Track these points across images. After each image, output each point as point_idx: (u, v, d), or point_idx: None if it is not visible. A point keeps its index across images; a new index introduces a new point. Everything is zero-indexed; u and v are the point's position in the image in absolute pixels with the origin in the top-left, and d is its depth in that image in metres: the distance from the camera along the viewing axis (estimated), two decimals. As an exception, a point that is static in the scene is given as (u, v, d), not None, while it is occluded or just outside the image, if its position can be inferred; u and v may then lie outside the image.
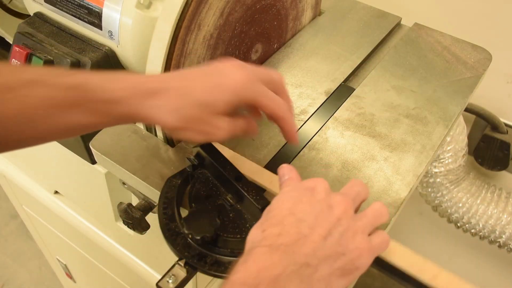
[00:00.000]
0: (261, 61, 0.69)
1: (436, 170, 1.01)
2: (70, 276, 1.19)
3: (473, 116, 1.04)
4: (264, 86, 0.45)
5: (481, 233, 1.08)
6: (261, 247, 0.37)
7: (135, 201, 0.58)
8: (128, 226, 0.55)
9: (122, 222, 0.58)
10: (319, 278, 0.36)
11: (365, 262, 0.40)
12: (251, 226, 0.46)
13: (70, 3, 0.59)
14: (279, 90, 0.48)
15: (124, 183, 0.61)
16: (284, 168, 0.46)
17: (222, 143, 0.53)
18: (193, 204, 0.48)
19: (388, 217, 0.43)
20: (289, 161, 0.56)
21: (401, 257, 0.44)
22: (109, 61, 0.59)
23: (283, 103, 0.47)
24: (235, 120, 0.46)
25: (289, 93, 0.64)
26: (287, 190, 0.42)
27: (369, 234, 0.41)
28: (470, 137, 1.04)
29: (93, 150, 0.56)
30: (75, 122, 0.42)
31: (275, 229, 0.38)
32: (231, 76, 0.44)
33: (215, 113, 0.43)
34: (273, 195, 0.47)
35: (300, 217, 0.38)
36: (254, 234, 0.39)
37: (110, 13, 0.56)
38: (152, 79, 0.44)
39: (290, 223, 0.38)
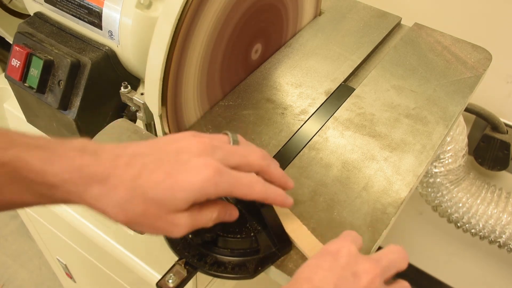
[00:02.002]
0: (261, 60, 0.69)
1: (436, 170, 1.01)
2: (70, 276, 1.19)
3: (473, 116, 1.04)
4: (238, 173, 0.39)
5: (481, 233, 1.08)
6: None
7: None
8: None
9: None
10: None
11: None
12: (251, 226, 0.47)
13: (70, 3, 0.59)
14: (260, 171, 0.41)
15: (124, 183, 0.61)
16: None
17: None
18: (193, 204, 0.48)
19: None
20: (289, 161, 0.56)
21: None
22: (109, 61, 0.59)
23: (263, 185, 0.40)
24: (201, 212, 0.39)
25: (289, 93, 0.64)
26: (310, 259, 0.39)
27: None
28: (470, 137, 1.04)
29: (93, 150, 0.56)
30: (18, 199, 0.37)
31: None
32: (194, 172, 0.36)
33: (172, 211, 0.37)
34: None
35: (318, 286, 0.35)
36: None
37: (110, 13, 0.56)
38: (99, 161, 0.36)
39: None
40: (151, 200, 0.36)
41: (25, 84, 0.60)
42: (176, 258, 0.45)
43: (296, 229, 0.47)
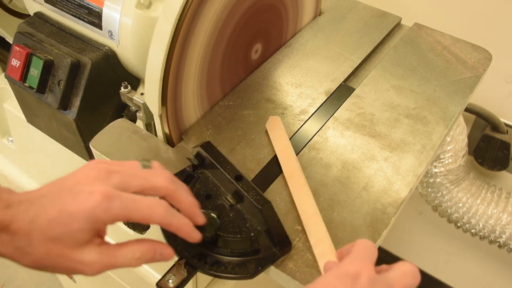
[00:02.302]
0: (261, 60, 0.69)
1: (436, 170, 1.01)
2: (70, 276, 1.19)
3: (473, 116, 1.04)
4: (135, 196, 0.38)
5: (481, 233, 1.08)
6: None
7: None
8: (128, 226, 0.55)
9: (122, 222, 0.58)
10: None
11: None
12: (251, 226, 0.47)
13: (70, 3, 0.59)
14: (168, 195, 0.40)
15: (124, 183, 0.61)
16: (331, 263, 0.41)
17: None
18: (193, 204, 0.48)
19: None
20: (289, 161, 0.56)
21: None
22: (109, 61, 0.59)
23: (166, 210, 0.38)
24: (118, 250, 0.38)
25: (289, 93, 0.64)
26: (327, 276, 0.37)
27: None
28: (470, 137, 1.04)
29: (93, 150, 0.56)
30: None
31: None
32: (82, 198, 0.36)
33: (75, 246, 0.36)
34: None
35: None
36: None
37: (110, 13, 0.56)
38: (5, 211, 0.36)
39: None
40: (49, 239, 0.36)
41: (25, 84, 0.60)
42: (176, 258, 0.45)
43: (311, 217, 0.47)
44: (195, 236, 0.41)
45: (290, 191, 0.51)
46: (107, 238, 0.41)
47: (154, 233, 0.48)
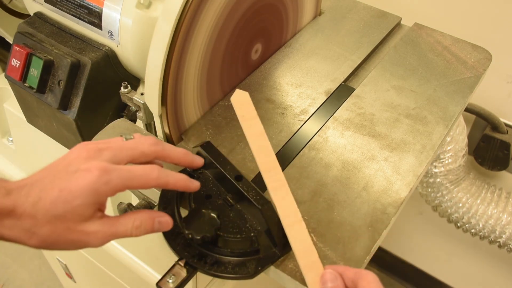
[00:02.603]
0: (261, 60, 0.69)
1: (436, 170, 1.01)
2: (70, 276, 1.19)
3: (473, 116, 1.04)
4: (129, 166, 0.40)
5: (481, 233, 1.08)
6: None
7: (135, 201, 0.58)
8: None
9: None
10: None
11: None
12: (251, 226, 0.47)
13: (70, 3, 0.59)
14: (158, 156, 0.43)
15: (124, 183, 0.61)
16: (328, 275, 0.40)
17: None
18: (193, 204, 0.48)
19: None
20: (289, 161, 0.56)
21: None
22: (109, 61, 0.59)
23: (160, 172, 0.41)
24: (118, 221, 0.41)
25: (289, 93, 0.64)
26: None
27: None
28: (470, 137, 1.04)
29: (93, 150, 0.56)
30: None
31: None
32: (80, 178, 0.38)
33: (80, 220, 0.39)
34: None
35: None
36: None
37: (110, 13, 0.56)
38: (7, 197, 0.39)
39: None
40: (54, 217, 0.38)
41: (25, 84, 0.60)
42: (176, 258, 0.45)
43: (293, 225, 0.44)
44: (193, 185, 0.44)
45: (268, 191, 0.45)
46: None
47: (154, 233, 0.48)
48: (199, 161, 0.47)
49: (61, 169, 0.40)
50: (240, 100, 0.50)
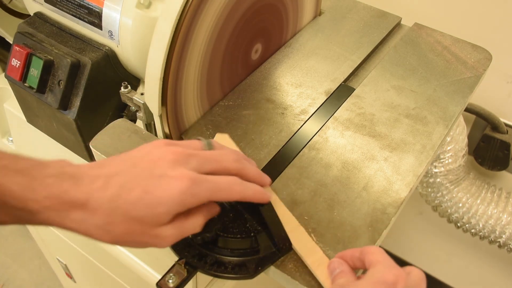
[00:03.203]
0: (261, 60, 0.69)
1: (436, 170, 1.01)
2: (70, 276, 1.19)
3: (473, 116, 1.04)
4: (215, 178, 0.39)
5: (481, 233, 1.08)
6: None
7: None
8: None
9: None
10: None
11: None
12: (251, 226, 0.47)
13: (70, 3, 0.59)
14: (237, 174, 0.42)
15: (124, 183, 0.61)
16: (335, 263, 0.41)
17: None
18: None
19: None
20: (289, 161, 0.56)
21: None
22: (109, 61, 0.59)
23: (240, 186, 0.41)
24: (187, 221, 0.40)
25: (289, 93, 0.64)
26: (362, 283, 0.37)
27: None
28: (470, 137, 1.04)
29: (93, 150, 0.56)
30: (2, 220, 0.38)
31: None
32: (169, 184, 0.37)
33: (155, 226, 0.38)
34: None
35: None
36: None
37: (110, 13, 0.56)
38: (77, 186, 0.37)
39: None
40: (132, 219, 0.37)
41: (25, 84, 0.60)
42: (176, 258, 0.45)
43: (293, 230, 0.47)
44: (267, 197, 0.44)
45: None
46: None
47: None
48: (267, 180, 0.46)
49: (144, 168, 0.38)
50: (222, 142, 0.51)
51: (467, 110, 1.00)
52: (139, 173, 0.38)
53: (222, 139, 0.53)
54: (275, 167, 0.55)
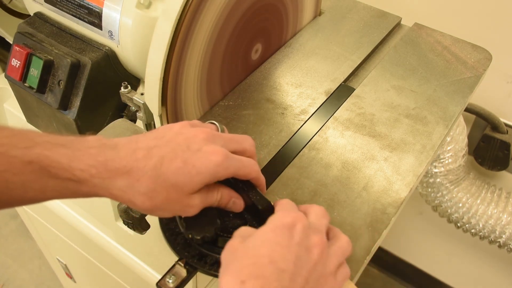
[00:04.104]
0: (261, 60, 0.69)
1: (436, 170, 1.01)
2: (70, 276, 1.19)
3: (473, 116, 1.04)
4: (240, 157, 0.44)
5: (481, 233, 1.08)
6: None
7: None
8: (128, 226, 0.55)
9: (122, 222, 0.58)
10: None
11: None
12: (251, 226, 0.47)
13: (70, 3, 0.59)
14: (251, 156, 0.46)
15: (124, 183, 0.61)
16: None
17: None
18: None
19: (351, 252, 0.42)
20: (289, 161, 0.56)
21: None
22: (109, 61, 0.59)
23: (256, 166, 0.45)
24: (208, 193, 0.43)
25: (289, 93, 0.64)
26: (264, 229, 0.40)
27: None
28: (470, 137, 1.04)
29: (93, 150, 0.56)
30: (41, 196, 0.40)
31: (257, 282, 0.35)
32: (206, 157, 0.41)
33: (189, 193, 0.41)
34: None
35: (281, 267, 0.36)
36: (233, 285, 0.36)
37: (110, 13, 0.56)
38: (119, 156, 0.40)
39: (272, 274, 0.36)
40: (172, 185, 0.40)
41: (25, 84, 0.60)
42: (176, 258, 0.45)
43: None
44: (264, 181, 0.47)
45: None
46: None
47: (154, 233, 0.48)
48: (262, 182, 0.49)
49: (180, 143, 0.41)
50: None
51: (467, 110, 1.00)
52: (176, 147, 0.41)
53: None
54: (275, 167, 0.55)
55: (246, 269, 0.36)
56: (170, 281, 0.43)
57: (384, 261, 1.58)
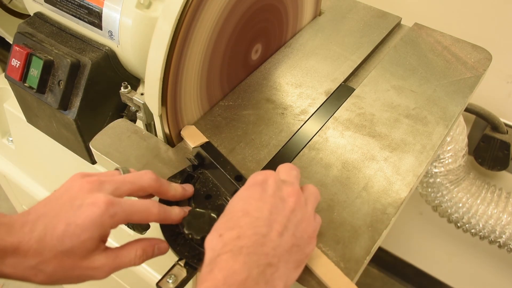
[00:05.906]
0: (261, 61, 0.69)
1: (436, 170, 1.01)
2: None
3: (473, 116, 1.04)
4: (132, 200, 0.41)
5: (481, 233, 1.08)
6: (224, 254, 0.36)
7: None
8: (128, 226, 0.55)
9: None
10: (281, 275, 0.37)
11: (313, 247, 0.41)
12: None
13: (70, 3, 0.59)
14: (155, 191, 0.44)
15: (124, 183, 0.61)
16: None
17: None
18: (193, 204, 0.48)
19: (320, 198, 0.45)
20: (289, 161, 0.56)
21: (322, 266, 0.44)
22: (109, 61, 0.59)
23: (159, 208, 0.43)
24: (121, 252, 0.42)
25: (289, 93, 0.64)
26: (240, 191, 0.42)
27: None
28: (470, 137, 1.04)
29: (93, 150, 0.56)
30: None
31: (232, 232, 0.37)
32: (88, 210, 0.39)
33: (86, 255, 0.39)
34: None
35: (255, 216, 0.38)
36: (212, 241, 0.38)
37: (110, 13, 0.56)
38: (12, 232, 0.38)
39: (247, 223, 0.38)
40: (61, 253, 0.38)
41: (25, 84, 0.60)
42: (176, 258, 0.45)
43: (323, 265, 0.45)
44: (180, 217, 0.45)
45: None
46: (110, 240, 0.42)
47: (154, 233, 0.48)
48: (190, 190, 0.49)
49: (65, 202, 0.40)
50: (190, 133, 0.56)
51: (467, 110, 1.00)
52: (61, 208, 0.40)
53: (190, 130, 0.57)
54: (275, 167, 0.55)
55: (223, 224, 0.39)
56: (170, 281, 0.43)
57: (384, 261, 1.58)
